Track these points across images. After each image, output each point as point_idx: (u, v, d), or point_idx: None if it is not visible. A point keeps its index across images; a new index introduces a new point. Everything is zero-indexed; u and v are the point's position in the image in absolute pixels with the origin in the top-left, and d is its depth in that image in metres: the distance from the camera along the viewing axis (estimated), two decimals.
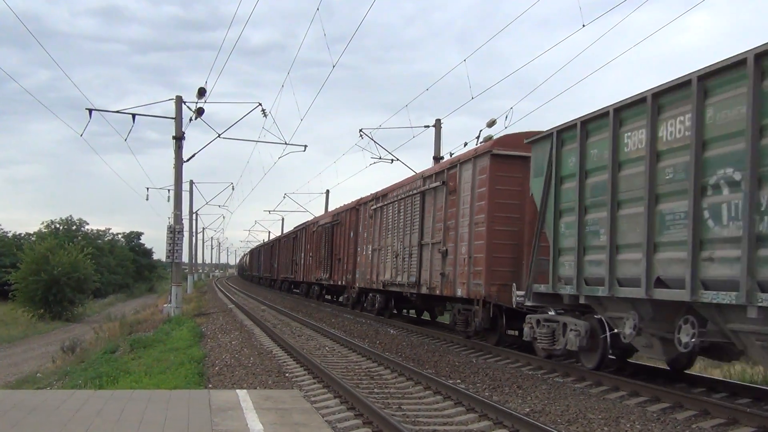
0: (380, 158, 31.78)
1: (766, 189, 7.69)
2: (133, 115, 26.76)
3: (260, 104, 27.03)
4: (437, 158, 29.88)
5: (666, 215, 9.24)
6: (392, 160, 31.79)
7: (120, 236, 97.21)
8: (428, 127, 30.26)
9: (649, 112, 9.50)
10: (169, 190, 37.03)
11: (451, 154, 29.22)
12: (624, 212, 10.13)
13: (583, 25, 15.71)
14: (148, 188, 42.02)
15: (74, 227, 77.50)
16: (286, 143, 30.01)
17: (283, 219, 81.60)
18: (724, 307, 8.42)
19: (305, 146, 30.98)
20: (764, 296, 7.68)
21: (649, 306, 9.87)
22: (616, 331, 10.82)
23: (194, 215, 65.68)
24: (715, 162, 8.42)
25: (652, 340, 10.31)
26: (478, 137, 27.41)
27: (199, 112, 26.91)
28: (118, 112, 27.36)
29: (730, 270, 8.10)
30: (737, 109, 8.11)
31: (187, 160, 28.36)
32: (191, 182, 55.51)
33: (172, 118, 27.70)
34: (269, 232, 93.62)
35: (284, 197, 56.87)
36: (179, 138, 27.61)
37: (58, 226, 76.05)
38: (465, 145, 28.09)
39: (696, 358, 11.88)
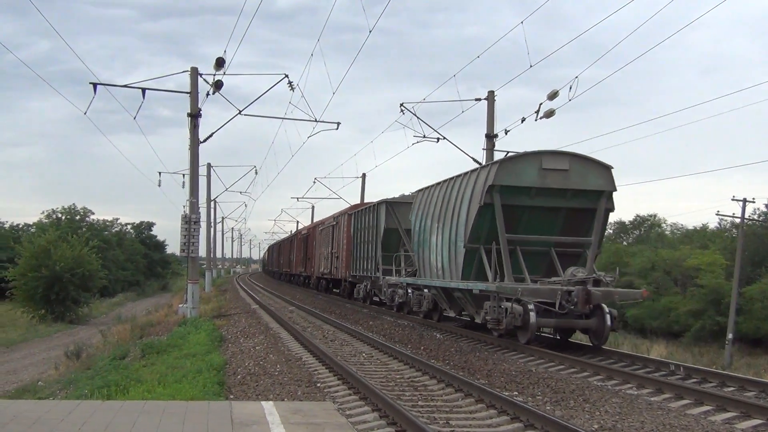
0: (424, 137, 31.66)
1: (366, 247, 32.72)
2: (143, 90, 27.04)
3: (286, 76, 27.11)
4: (490, 136, 29.71)
5: (368, 249, 31.94)
6: (438, 138, 31.66)
7: (129, 227, 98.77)
8: (480, 100, 30.10)
9: (370, 213, 32.01)
10: (183, 175, 37.09)
11: (506, 132, 29.19)
12: (360, 247, 33.69)
13: None
14: (160, 173, 42.62)
15: (78, 217, 78.96)
16: (316, 120, 30.09)
17: (313, 207, 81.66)
18: (376, 278, 30.42)
19: (338, 124, 31.03)
20: (376, 275, 30.19)
21: (368, 280, 32.15)
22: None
23: (212, 203, 66.34)
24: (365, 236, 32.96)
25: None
26: (537, 112, 27.26)
27: (218, 85, 27.09)
28: (126, 86, 27.66)
29: (373, 266, 31.04)
30: (366, 223, 32.72)
31: (204, 140, 28.61)
32: (209, 165, 55.97)
33: (187, 93, 27.94)
34: (297, 221, 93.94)
35: (314, 182, 57.01)
36: (195, 115, 27.84)
37: (60, 215, 77.56)
38: (522, 121, 27.97)
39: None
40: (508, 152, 28.07)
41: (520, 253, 18.08)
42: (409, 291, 25.41)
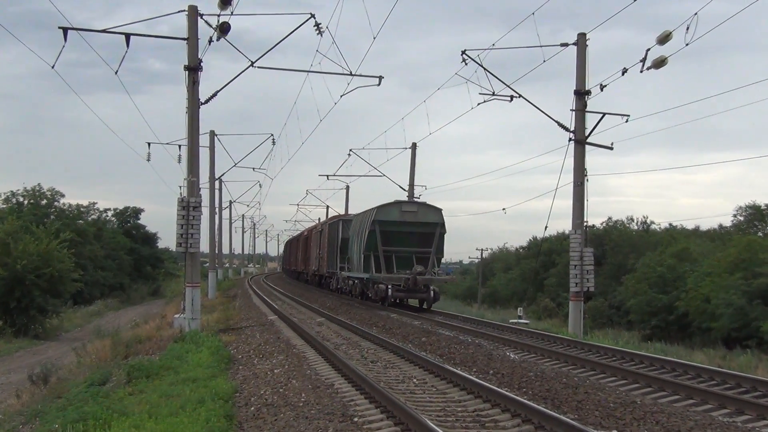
0: (494, 94, 31.54)
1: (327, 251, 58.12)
2: (128, 36, 27.19)
3: (312, 16, 27.13)
4: (580, 93, 29.52)
5: (335, 252, 52.75)
6: (511, 96, 31.52)
7: (110, 214, 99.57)
8: (566, 45, 29.88)
9: (336, 226, 53.45)
10: (180, 147, 37.40)
11: (602, 88, 28.98)
12: (331, 250, 54.97)
13: None
14: (149, 144, 41.82)
15: (44, 201, 79.59)
16: (351, 74, 30.08)
17: (347, 187, 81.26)
18: (337, 273, 52.53)
19: (380, 78, 30.99)
20: (336, 271, 51.80)
21: (336, 275, 52.99)
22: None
23: (218, 183, 66.60)
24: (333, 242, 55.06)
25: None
26: (643, 60, 27.03)
27: (223, 29, 27.15)
28: (105, 31, 27.85)
29: (336, 265, 51.84)
30: (335, 232, 53.96)
31: (207, 101, 28.73)
32: (212, 134, 56.15)
33: (184, 40, 28.05)
34: (327, 207, 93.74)
35: (349, 155, 56.88)
36: (194, 68, 27.96)
37: (21, 199, 78.31)
38: (624, 73, 27.84)
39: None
40: (604, 113, 30.42)
41: (395, 258, 38.69)
42: (351, 281, 46.58)
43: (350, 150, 56.45)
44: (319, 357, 20.36)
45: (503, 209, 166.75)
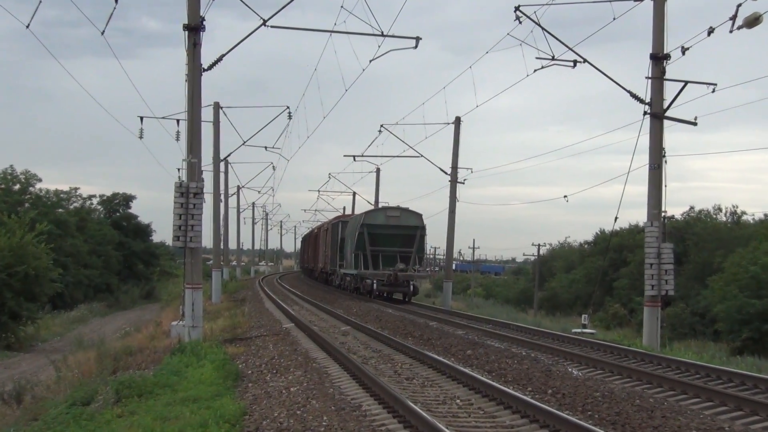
0: (553, 59, 31.41)
1: (325, 250, 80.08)
2: None
3: None
4: (658, 57, 29.39)
5: (335, 251, 70.93)
6: (574, 62, 31.40)
7: (95, 202, 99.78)
8: (641, 0, 29.74)
9: (337, 226, 70.16)
10: (178, 122, 37.57)
11: (684, 51, 28.85)
12: (333, 249, 72.57)
13: None
14: (141, 118, 41.67)
15: (18, 187, 79.86)
16: (383, 35, 30.07)
17: (378, 170, 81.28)
18: (337, 270, 71.14)
19: (417, 39, 30.97)
20: (336, 268, 69.73)
21: (336, 272, 72.18)
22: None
23: (223, 164, 66.62)
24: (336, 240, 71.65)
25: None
26: (733, 19, 26.87)
27: None
28: None
29: (336, 262, 69.31)
30: (336, 232, 71.30)
31: (210, 67, 28.80)
32: (217, 106, 56.17)
33: None
34: (354, 193, 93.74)
35: (380, 131, 56.84)
36: (195, 28, 27.99)
37: None
38: (710, 34, 27.67)
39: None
40: (686, 82, 30.08)
41: (381, 257, 51.52)
42: (347, 277, 59.58)
43: (381, 126, 56.65)
44: (343, 372, 20.41)
45: (564, 197, 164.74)
